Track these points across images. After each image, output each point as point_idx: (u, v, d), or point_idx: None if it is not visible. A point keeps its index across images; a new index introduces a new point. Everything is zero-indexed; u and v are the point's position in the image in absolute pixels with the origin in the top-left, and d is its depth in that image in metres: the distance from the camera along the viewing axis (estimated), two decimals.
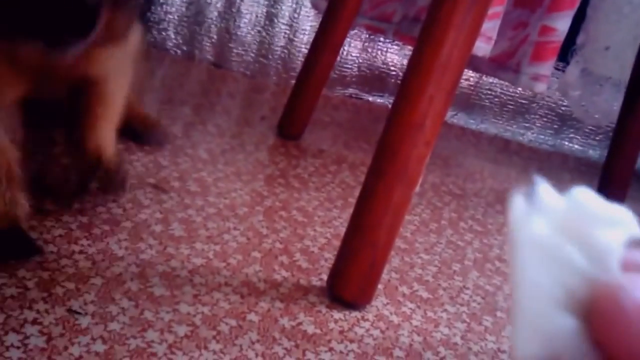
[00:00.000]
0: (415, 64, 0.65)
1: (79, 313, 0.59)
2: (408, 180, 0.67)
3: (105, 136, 0.81)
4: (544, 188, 0.23)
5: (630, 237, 0.20)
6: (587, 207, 0.21)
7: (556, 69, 1.22)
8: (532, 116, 1.41)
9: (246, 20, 1.37)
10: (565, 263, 0.20)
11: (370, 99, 1.40)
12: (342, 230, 0.87)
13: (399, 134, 0.65)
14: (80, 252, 0.68)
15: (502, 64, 1.12)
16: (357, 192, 0.98)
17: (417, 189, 0.68)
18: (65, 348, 0.55)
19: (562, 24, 1.06)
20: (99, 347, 0.56)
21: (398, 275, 0.80)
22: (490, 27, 1.02)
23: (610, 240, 0.20)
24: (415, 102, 0.64)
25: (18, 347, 0.54)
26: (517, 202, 0.23)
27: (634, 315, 0.18)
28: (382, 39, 1.40)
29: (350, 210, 0.92)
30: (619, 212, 0.20)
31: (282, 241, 0.80)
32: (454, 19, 0.61)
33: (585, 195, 0.21)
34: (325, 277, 0.75)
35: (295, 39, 1.40)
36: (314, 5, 1.35)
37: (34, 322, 0.57)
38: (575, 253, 0.20)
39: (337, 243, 0.83)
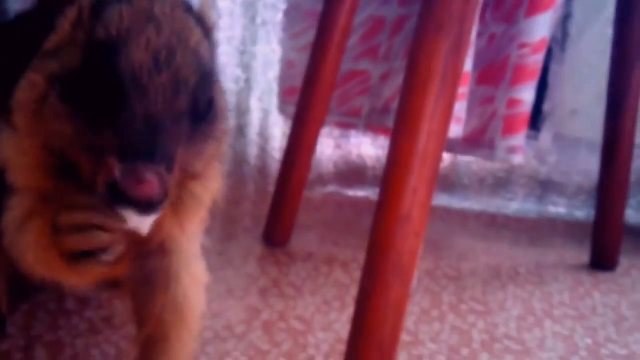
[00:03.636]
0: (393, 159, 0.65)
1: None
2: (404, 274, 0.65)
3: None
4: None
5: None
6: None
7: (529, 137, 1.23)
8: (514, 187, 1.41)
9: None
10: None
11: (351, 193, 1.40)
12: (344, 333, 0.84)
13: (387, 229, 0.65)
14: None
15: (475, 142, 1.13)
16: (352, 291, 0.96)
17: (415, 282, 0.67)
18: None
19: (527, 94, 1.07)
20: None
21: None
22: (458, 108, 1.03)
23: None
24: (399, 196, 0.63)
25: None
26: None
27: None
28: (354, 133, 1.41)
29: (349, 310, 0.90)
30: None
31: (285, 354, 0.77)
32: (425, 109, 0.61)
33: None
34: None
35: (267, 147, 1.41)
36: (282, 112, 1.37)
37: None
38: None
39: (341, 347, 0.80)
